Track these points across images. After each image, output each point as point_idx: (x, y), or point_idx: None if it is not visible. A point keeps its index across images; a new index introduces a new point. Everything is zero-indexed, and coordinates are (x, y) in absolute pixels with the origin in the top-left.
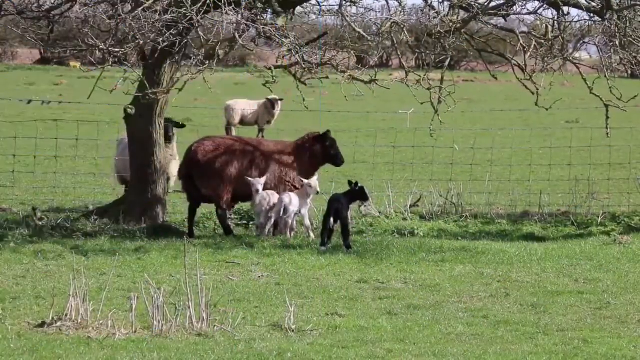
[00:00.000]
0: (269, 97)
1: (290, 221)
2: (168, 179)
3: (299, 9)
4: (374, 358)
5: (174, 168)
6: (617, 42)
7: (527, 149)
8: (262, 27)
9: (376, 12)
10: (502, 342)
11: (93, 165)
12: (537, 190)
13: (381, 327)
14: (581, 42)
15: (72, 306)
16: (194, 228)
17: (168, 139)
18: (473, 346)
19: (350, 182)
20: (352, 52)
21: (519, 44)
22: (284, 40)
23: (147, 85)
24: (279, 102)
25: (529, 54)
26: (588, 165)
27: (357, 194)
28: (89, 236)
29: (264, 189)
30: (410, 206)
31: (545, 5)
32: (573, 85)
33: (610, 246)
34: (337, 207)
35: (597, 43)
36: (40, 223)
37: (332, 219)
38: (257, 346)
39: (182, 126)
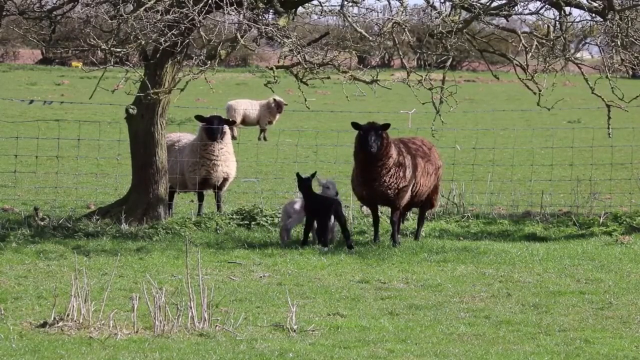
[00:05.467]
0: (276, 98)
1: (289, 227)
2: (225, 180)
3: (300, 9)
4: (376, 358)
5: (232, 168)
6: (619, 43)
7: (528, 149)
8: (263, 27)
9: (378, 12)
10: (504, 342)
11: (95, 166)
12: (538, 191)
13: (383, 327)
14: (583, 42)
15: (73, 306)
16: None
17: (213, 136)
18: (475, 346)
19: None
20: (354, 52)
21: (521, 44)
22: (285, 40)
23: (149, 85)
24: (284, 105)
25: (530, 54)
26: (590, 166)
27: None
28: (90, 236)
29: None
30: None
31: (547, 6)
32: (575, 85)
33: (612, 246)
34: (336, 208)
35: (598, 43)
36: (42, 223)
37: (332, 220)
38: (259, 346)
39: (233, 123)
